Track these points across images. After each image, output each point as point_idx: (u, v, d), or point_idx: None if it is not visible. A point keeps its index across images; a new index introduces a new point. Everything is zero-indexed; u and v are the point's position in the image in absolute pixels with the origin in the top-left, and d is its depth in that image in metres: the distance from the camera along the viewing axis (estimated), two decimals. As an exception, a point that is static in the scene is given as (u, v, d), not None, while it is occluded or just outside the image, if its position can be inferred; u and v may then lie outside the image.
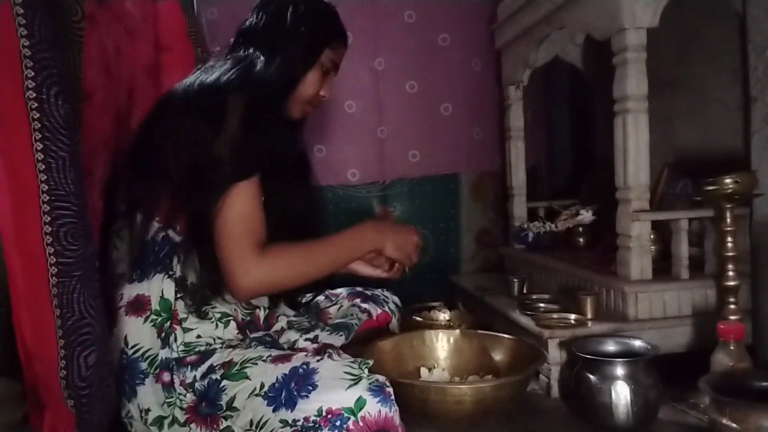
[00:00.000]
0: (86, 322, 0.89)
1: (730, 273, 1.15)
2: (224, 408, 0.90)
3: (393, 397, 0.86)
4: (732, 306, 1.15)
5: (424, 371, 1.25)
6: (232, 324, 1.02)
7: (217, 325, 1.00)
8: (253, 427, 0.87)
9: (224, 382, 0.91)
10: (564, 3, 1.48)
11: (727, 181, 1.13)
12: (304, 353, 0.93)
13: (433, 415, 1.02)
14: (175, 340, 0.97)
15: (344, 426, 0.81)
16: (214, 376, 0.93)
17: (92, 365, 0.89)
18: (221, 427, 0.90)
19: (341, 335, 1.18)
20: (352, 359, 0.91)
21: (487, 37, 2.11)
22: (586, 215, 1.71)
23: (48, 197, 0.85)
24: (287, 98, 1.11)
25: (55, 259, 0.86)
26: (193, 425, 0.93)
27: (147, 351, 0.98)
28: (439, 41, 2.11)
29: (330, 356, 0.92)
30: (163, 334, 0.97)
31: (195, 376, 0.94)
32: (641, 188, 1.29)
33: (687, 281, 1.30)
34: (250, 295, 1.00)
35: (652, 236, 1.30)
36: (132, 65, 1.31)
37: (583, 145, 2.33)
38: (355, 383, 0.84)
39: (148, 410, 0.96)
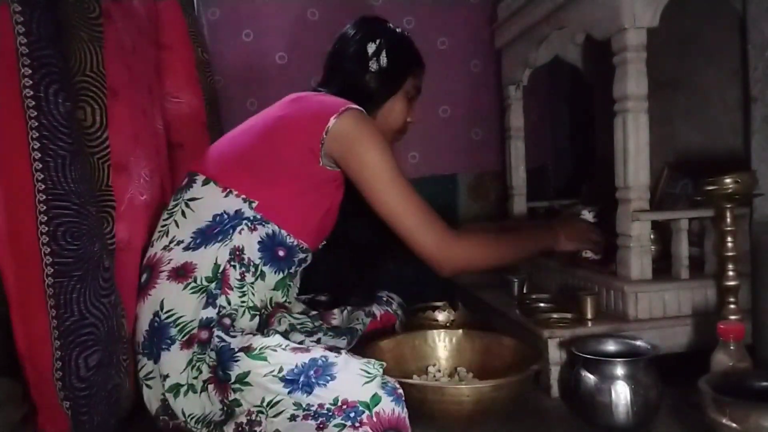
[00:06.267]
0: (88, 322, 0.89)
1: (730, 273, 1.15)
2: (233, 379, 0.91)
3: (404, 399, 0.87)
4: (732, 306, 1.15)
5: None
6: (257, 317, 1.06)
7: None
8: (265, 405, 0.88)
9: (239, 354, 0.92)
10: (564, 3, 1.48)
11: (727, 181, 1.12)
12: (322, 347, 0.95)
13: (432, 416, 1.02)
14: (222, 302, 1.01)
15: (358, 418, 0.82)
16: (231, 345, 0.94)
17: (94, 366, 0.89)
18: (230, 398, 0.91)
19: (344, 339, 1.18)
20: (366, 359, 0.92)
21: (486, 38, 2.11)
22: (587, 216, 1.70)
23: (45, 196, 0.85)
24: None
25: (51, 259, 0.85)
26: (210, 387, 0.95)
27: (180, 318, 1.00)
28: (438, 45, 2.13)
29: (347, 353, 0.93)
30: (208, 298, 1.00)
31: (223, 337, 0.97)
32: (641, 188, 1.29)
33: (687, 281, 1.30)
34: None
35: (652, 236, 1.30)
36: (147, 63, 1.30)
37: (584, 144, 2.33)
38: (371, 380, 0.86)
39: (166, 376, 0.98)
